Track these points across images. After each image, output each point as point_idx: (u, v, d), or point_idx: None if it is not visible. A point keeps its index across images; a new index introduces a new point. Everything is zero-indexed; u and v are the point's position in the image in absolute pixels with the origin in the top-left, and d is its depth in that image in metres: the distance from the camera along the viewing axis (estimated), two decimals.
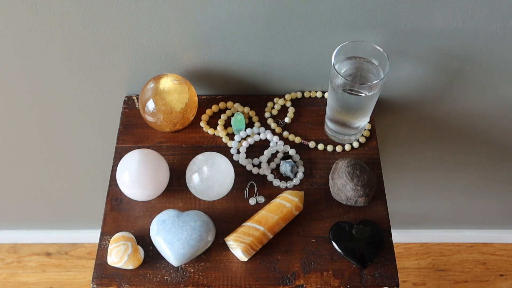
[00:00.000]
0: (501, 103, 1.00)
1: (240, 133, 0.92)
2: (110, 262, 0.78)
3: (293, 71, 0.94)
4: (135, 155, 0.81)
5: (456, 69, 0.92)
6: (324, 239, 0.82)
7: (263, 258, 0.80)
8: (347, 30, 0.84)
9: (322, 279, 0.78)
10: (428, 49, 0.87)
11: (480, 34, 0.84)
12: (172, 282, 0.78)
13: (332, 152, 0.91)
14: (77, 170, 1.24)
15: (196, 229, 0.76)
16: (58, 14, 0.82)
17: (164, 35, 0.86)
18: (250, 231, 0.78)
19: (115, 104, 1.01)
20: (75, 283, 1.56)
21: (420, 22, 0.83)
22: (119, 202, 0.86)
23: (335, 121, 0.88)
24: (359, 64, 0.82)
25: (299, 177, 0.88)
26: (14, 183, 1.30)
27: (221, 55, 0.90)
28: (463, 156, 1.17)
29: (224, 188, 0.82)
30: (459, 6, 0.80)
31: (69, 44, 0.88)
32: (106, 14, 0.82)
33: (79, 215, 1.46)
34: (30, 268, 1.59)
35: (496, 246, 1.59)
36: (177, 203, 0.86)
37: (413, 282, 1.55)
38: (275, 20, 0.83)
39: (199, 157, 0.82)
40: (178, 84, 0.88)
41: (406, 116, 1.05)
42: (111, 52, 0.90)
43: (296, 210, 0.82)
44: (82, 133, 1.10)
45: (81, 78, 0.96)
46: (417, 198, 1.36)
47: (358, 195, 0.82)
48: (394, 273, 0.79)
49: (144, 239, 0.82)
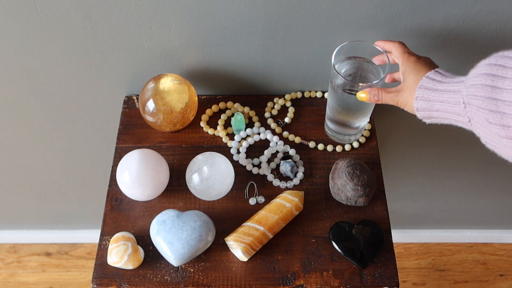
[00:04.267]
0: None
1: (240, 133, 0.92)
2: (110, 262, 0.78)
3: (293, 71, 0.94)
4: (135, 155, 0.81)
5: (456, 69, 0.92)
6: (324, 239, 0.82)
7: (263, 258, 0.80)
8: (347, 30, 0.84)
9: (322, 279, 0.78)
10: (428, 49, 0.87)
11: (480, 34, 0.84)
12: (172, 282, 0.78)
13: (332, 152, 0.91)
14: (77, 170, 1.24)
15: (196, 229, 0.76)
16: (58, 14, 0.82)
17: (164, 35, 0.86)
18: (250, 231, 0.78)
19: (115, 104, 1.01)
20: (75, 283, 1.56)
21: (420, 22, 0.83)
22: (119, 202, 0.86)
23: (335, 121, 0.88)
24: (359, 64, 0.82)
25: (299, 177, 0.88)
26: (14, 183, 1.30)
27: (221, 55, 0.90)
28: (463, 156, 1.17)
29: (224, 188, 0.82)
30: (459, 6, 0.80)
31: (69, 44, 0.88)
32: (106, 14, 0.82)
33: (79, 215, 1.46)
34: (30, 268, 1.59)
35: (496, 246, 1.59)
36: (177, 203, 0.86)
37: (413, 282, 1.55)
38: (275, 20, 0.83)
39: (199, 157, 0.82)
40: (178, 84, 0.88)
41: (406, 116, 1.04)
42: (111, 52, 0.90)
43: (296, 210, 0.82)
44: (82, 133, 1.10)
45: (81, 78, 0.96)
46: (417, 198, 1.36)
47: (358, 195, 0.82)
48: (394, 273, 0.79)
49: (144, 239, 0.82)
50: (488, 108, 0.52)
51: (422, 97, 0.64)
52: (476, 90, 0.53)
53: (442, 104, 0.61)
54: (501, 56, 0.52)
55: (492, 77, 0.52)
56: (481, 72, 0.53)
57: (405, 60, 0.71)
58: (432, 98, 0.63)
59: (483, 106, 0.52)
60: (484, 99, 0.52)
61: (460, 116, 0.59)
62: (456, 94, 0.59)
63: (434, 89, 0.63)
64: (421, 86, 0.65)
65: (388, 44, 0.77)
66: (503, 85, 0.51)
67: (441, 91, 0.62)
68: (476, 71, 0.55)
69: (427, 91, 0.64)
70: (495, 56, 0.53)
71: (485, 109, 0.52)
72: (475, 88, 0.53)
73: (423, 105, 0.64)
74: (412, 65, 0.69)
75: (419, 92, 0.65)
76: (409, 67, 0.69)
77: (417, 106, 0.65)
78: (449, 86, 0.61)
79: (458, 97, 0.58)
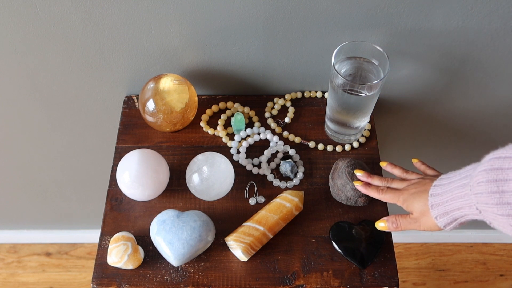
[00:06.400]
0: (501, 103, 1.00)
1: (240, 133, 0.92)
2: (110, 262, 0.78)
3: (293, 71, 0.94)
4: (135, 155, 0.81)
5: (456, 69, 0.92)
6: (324, 239, 0.82)
7: (263, 258, 0.80)
8: (347, 30, 0.84)
9: (322, 279, 0.78)
10: (428, 49, 0.87)
11: (480, 34, 0.84)
12: (172, 282, 0.78)
13: (332, 152, 0.91)
14: (77, 170, 1.24)
15: (196, 229, 0.76)
16: (58, 14, 0.82)
17: (164, 35, 0.86)
18: (250, 231, 0.78)
19: (115, 104, 1.01)
20: (75, 283, 1.56)
21: (420, 22, 0.82)
22: (119, 202, 0.86)
23: (335, 121, 0.88)
24: (359, 64, 0.82)
25: (299, 177, 0.88)
26: (14, 183, 1.30)
27: (221, 55, 0.90)
28: (463, 156, 1.17)
29: (224, 188, 0.82)
30: (459, 6, 0.80)
31: (69, 44, 0.88)
32: (106, 14, 0.82)
33: (79, 215, 1.46)
34: (30, 268, 1.59)
35: (496, 246, 1.59)
36: (177, 203, 0.86)
37: (413, 282, 1.55)
38: (275, 20, 0.83)
39: (199, 157, 0.82)
40: (178, 84, 0.88)
41: (406, 116, 1.05)
42: (111, 52, 0.90)
43: (296, 210, 0.82)
44: (82, 133, 1.10)
45: (81, 78, 0.96)
46: None
47: (358, 195, 0.82)
48: (394, 273, 0.79)
49: (144, 239, 0.82)
50: (500, 213, 0.57)
51: (437, 206, 0.67)
52: (485, 199, 0.58)
53: (454, 202, 0.65)
54: (497, 158, 0.57)
55: (496, 182, 0.56)
56: (482, 180, 0.58)
57: (400, 202, 0.75)
58: (444, 198, 0.66)
59: (497, 212, 0.57)
60: (495, 205, 0.57)
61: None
62: (464, 196, 0.63)
63: (443, 192, 0.67)
64: (432, 194, 0.68)
65: None
66: (509, 188, 0.55)
67: (451, 190, 0.66)
68: (477, 179, 0.59)
69: (438, 196, 0.67)
70: (491, 159, 0.58)
71: (498, 214, 0.57)
72: (484, 197, 0.58)
73: (440, 210, 0.67)
74: (409, 197, 0.73)
75: (431, 200, 0.68)
76: (407, 200, 0.73)
77: (435, 214, 0.68)
78: (456, 185, 0.65)
79: (470, 201, 0.62)
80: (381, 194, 0.77)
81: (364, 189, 0.79)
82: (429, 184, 0.71)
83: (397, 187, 0.77)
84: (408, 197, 0.73)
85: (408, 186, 0.75)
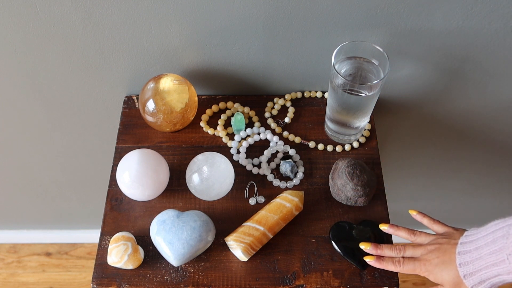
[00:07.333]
0: (501, 103, 1.00)
1: (240, 133, 0.92)
2: (110, 262, 0.78)
3: (293, 71, 0.94)
4: (135, 155, 0.81)
5: (456, 69, 0.92)
6: (324, 239, 0.82)
7: (263, 258, 0.80)
8: (347, 30, 0.84)
9: (322, 279, 0.78)
10: (428, 49, 0.87)
11: (480, 34, 0.84)
12: (172, 282, 0.78)
13: (332, 152, 0.91)
14: (77, 170, 1.24)
15: (196, 229, 0.76)
16: (58, 14, 0.82)
17: (164, 35, 0.86)
18: (250, 231, 0.78)
19: (115, 104, 1.01)
20: (75, 283, 1.56)
21: (420, 22, 0.82)
22: (119, 202, 0.86)
23: (335, 121, 0.88)
24: (359, 64, 0.82)
25: (299, 177, 0.88)
26: (14, 183, 1.30)
27: (221, 55, 0.90)
28: (463, 156, 1.17)
29: (224, 188, 0.82)
30: (459, 6, 0.80)
31: (69, 44, 0.88)
32: (106, 14, 0.82)
33: (79, 215, 1.46)
34: (30, 268, 1.59)
35: None
36: (177, 203, 0.86)
37: (413, 282, 1.55)
38: (275, 20, 0.83)
39: (199, 157, 0.82)
40: (178, 84, 0.88)
41: (406, 116, 1.05)
42: (111, 52, 0.90)
43: (296, 210, 0.82)
44: (82, 133, 1.10)
45: (81, 78, 0.96)
46: (417, 198, 1.36)
47: (358, 195, 0.82)
48: (394, 273, 0.79)
49: (144, 239, 0.82)
50: None
51: (470, 276, 0.66)
52: None
53: (490, 270, 0.64)
54: None
55: None
56: None
57: (423, 273, 0.72)
58: (476, 266, 0.65)
59: None
60: None
61: None
62: (500, 263, 0.62)
63: (472, 261, 0.65)
64: (460, 264, 0.66)
65: None
66: None
67: (481, 258, 0.64)
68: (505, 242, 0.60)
69: (469, 266, 0.66)
70: None
71: None
72: None
73: (476, 279, 0.66)
74: (434, 268, 0.70)
75: (463, 271, 0.66)
76: (433, 272, 0.70)
77: (471, 284, 0.66)
78: (486, 251, 0.64)
79: (509, 268, 0.62)
80: (398, 266, 0.73)
81: (379, 264, 0.75)
82: (451, 251, 0.67)
83: (413, 255, 0.73)
84: (433, 269, 0.69)
85: (427, 254, 0.71)
